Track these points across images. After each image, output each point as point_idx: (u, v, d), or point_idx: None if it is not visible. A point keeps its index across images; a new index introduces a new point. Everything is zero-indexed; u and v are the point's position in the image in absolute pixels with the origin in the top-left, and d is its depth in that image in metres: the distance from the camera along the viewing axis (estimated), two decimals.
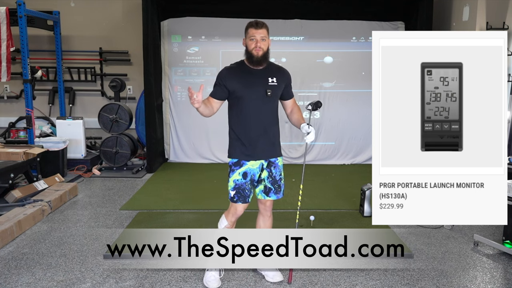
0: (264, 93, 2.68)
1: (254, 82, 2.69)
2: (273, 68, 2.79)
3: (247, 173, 2.74)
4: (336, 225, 3.86)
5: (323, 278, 2.92)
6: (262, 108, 2.71)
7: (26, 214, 3.76)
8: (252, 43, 2.64)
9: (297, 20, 6.31)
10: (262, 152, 2.74)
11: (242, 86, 2.68)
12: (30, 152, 4.73)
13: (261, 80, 2.70)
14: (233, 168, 2.76)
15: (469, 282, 2.91)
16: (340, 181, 5.53)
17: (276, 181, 2.81)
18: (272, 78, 2.72)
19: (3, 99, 6.74)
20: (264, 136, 2.73)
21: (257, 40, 2.62)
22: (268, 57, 2.71)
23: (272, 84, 2.71)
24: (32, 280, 2.85)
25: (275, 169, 2.80)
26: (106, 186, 5.19)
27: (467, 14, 5.26)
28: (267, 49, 2.68)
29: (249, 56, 2.68)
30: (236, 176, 2.74)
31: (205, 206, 4.44)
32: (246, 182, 2.74)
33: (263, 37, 2.64)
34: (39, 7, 5.92)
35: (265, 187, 2.80)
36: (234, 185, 2.75)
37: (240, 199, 2.75)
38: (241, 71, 2.71)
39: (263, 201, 2.84)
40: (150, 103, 5.86)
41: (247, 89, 2.68)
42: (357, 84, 6.45)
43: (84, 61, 6.72)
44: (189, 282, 2.85)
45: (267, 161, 2.78)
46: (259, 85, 2.69)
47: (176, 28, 6.30)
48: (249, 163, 2.73)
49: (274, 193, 2.82)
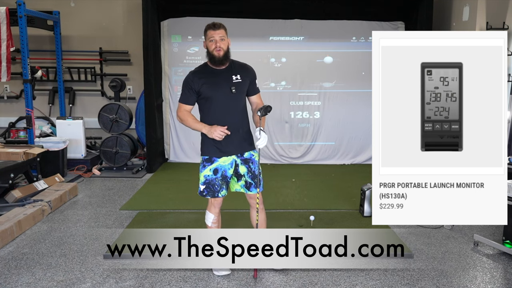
0: (229, 91, 2.79)
1: (219, 81, 2.80)
2: (236, 66, 2.89)
3: (218, 169, 2.85)
4: (336, 225, 3.86)
5: (323, 278, 2.92)
6: (230, 105, 2.82)
7: (26, 214, 3.76)
8: (212, 44, 2.76)
9: (297, 20, 6.31)
10: (233, 148, 2.85)
11: (208, 86, 2.78)
12: (30, 152, 4.73)
13: (225, 78, 2.81)
14: (204, 164, 2.87)
15: (469, 282, 2.91)
16: (340, 181, 5.52)
17: (255, 175, 2.91)
18: (236, 76, 2.83)
19: (3, 99, 6.74)
20: (234, 133, 2.82)
21: (216, 40, 2.74)
22: (229, 55, 2.82)
23: (236, 81, 2.82)
24: (32, 280, 2.85)
25: (253, 164, 2.92)
26: (106, 186, 5.19)
27: (467, 14, 5.26)
28: (227, 48, 2.79)
29: (211, 57, 2.78)
30: (207, 172, 2.85)
31: (205, 206, 4.40)
32: (217, 178, 2.85)
33: (222, 37, 2.76)
34: (39, 7, 5.92)
35: (245, 182, 2.92)
36: (204, 180, 2.87)
37: (209, 194, 2.88)
38: (206, 72, 2.82)
39: (250, 195, 2.97)
40: (150, 103, 5.86)
41: (213, 89, 2.78)
42: (357, 84, 6.44)
43: (84, 61, 6.72)
44: (189, 282, 2.85)
45: (239, 157, 2.88)
46: (224, 84, 2.80)
47: (176, 28, 6.30)
48: (220, 159, 2.84)
49: (255, 187, 2.92)
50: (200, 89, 2.79)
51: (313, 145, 6.53)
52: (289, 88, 6.45)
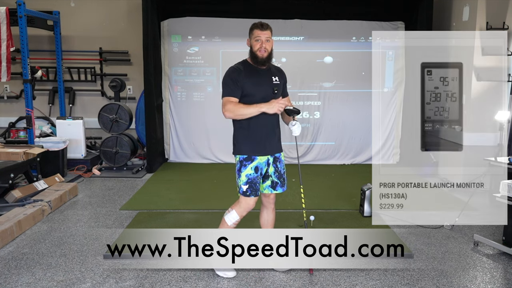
0: (271, 91, 2.82)
1: (262, 81, 2.81)
2: (273, 68, 2.93)
3: (258, 167, 2.83)
4: (336, 225, 3.86)
5: (323, 278, 2.92)
6: None
7: (26, 214, 3.76)
8: (257, 44, 2.75)
9: (297, 20, 6.31)
10: (270, 148, 2.87)
11: (252, 84, 2.77)
12: (30, 152, 4.73)
13: (267, 79, 2.83)
14: (244, 163, 2.82)
15: (469, 282, 2.90)
16: (340, 181, 5.52)
17: (281, 175, 2.94)
18: (275, 77, 2.87)
19: (3, 99, 6.73)
20: (272, 133, 2.86)
21: (262, 41, 2.74)
22: (272, 57, 2.83)
23: (276, 83, 2.86)
24: (32, 280, 2.85)
25: (280, 164, 2.93)
26: (106, 186, 5.19)
27: (467, 14, 5.26)
28: (271, 50, 2.80)
29: (253, 56, 2.79)
30: (249, 171, 2.81)
31: (205, 206, 4.44)
32: (258, 176, 2.83)
33: (268, 38, 2.76)
34: (39, 7, 5.92)
35: (272, 182, 2.92)
36: (246, 179, 2.81)
37: (252, 193, 2.82)
38: (249, 70, 2.81)
39: (269, 195, 2.96)
40: (150, 103, 5.86)
41: (256, 87, 2.78)
42: (357, 84, 6.44)
43: (84, 61, 6.72)
44: (189, 282, 2.85)
45: (272, 156, 2.88)
46: (266, 84, 2.82)
47: (176, 28, 6.30)
48: (259, 158, 2.82)
49: (280, 186, 2.95)
50: (244, 85, 2.75)
51: (313, 145, 6.53)
52: (289, 88, 6.32)
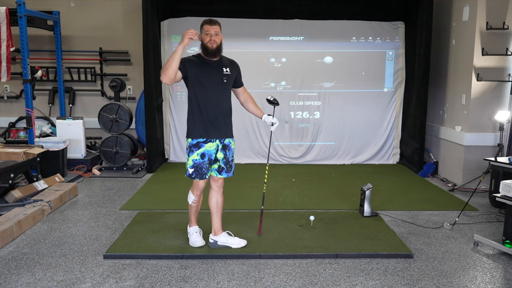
0: (220, 81, 3.13)
1: (212, 71, 3.12)
2: (225, 60, 3.23)
3: (205, 154, 3.14)
4: (336, 225, 3.86)
5: (323, 278, 2.92)
6: (220, 93, 3.14)
7: (26, 214, 3.76)
8: (207, 37, 3.06)
9: (297, 20, 6.31)
10: (220, 132, 3.16)
11: (202, 73, 3.09)
12: (30, 152, 4.73)
13: (217, 69, 3.14)
14: (192, 149, 3.14)
15: (469, 282, 2.90)
16: (340, 181, 5.52)
17: (228, 161, 3.24)
18: (226, 69, 3.17)
19: (3, 99, 6.74)
20: (221, 118, 3.15)
21: (211, 34, 3.06)
22: (221, 50, 3.14)
23: (226, 73, 3.16)
24: (32, 280, 2.85)
25: (229, 151, 3.23)
26: (106, 186, 5.19)
27: (467, 14, 5.26)
28: (220, 42, 3.11)
29: (204, 48, 3.09)
30: (195, 156, 3.13)
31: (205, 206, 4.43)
32: (204, 161, 3.14)
33: (217, 32, 3.08)
34: (39, 7, 5.92)
35: (219, 166, 3.22)
36: (192, 163, 3.14)
37: (198, 176, 3.16)
38: (201, 61, 3.13)
39: (216, 178, 3.27)
40: (150, 103, 5.86)
41: (206, 76, 3.09)
42: (357, 84, 6.45)
43: (84, 61, 6.72)
44: (189, 282, 2.85)
45: (222, 143, 3.18)
46: (216, 74, 3.13)
47: (176, 28, 6.30)
48: (206, 145, 3.13)
49: (226, 172, 3.25)
50: (193, 72, 3.06)
51: (313, 145, 6.53)
52: (289, 88, 6.45)
